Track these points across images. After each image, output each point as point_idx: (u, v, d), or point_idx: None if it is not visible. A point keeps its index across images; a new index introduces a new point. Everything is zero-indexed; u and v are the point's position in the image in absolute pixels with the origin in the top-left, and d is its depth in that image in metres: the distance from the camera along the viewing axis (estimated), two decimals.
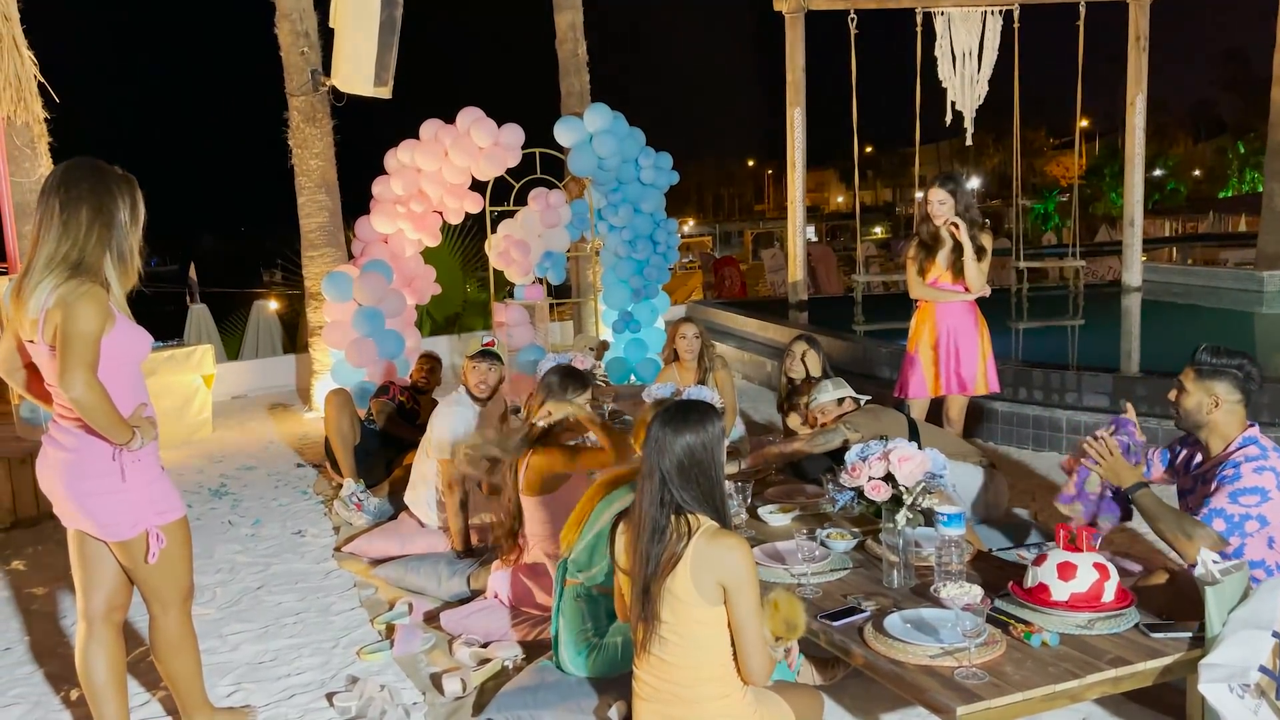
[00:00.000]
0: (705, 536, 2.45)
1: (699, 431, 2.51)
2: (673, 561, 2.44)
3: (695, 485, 2.49)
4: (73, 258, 2.72)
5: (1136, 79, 11.17)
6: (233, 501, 6.07)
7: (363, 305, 7.44)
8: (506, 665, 3.53)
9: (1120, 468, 3.15)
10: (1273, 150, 13.37)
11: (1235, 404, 3.12)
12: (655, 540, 2.47)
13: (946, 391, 5.17)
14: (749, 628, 2.46)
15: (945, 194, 5.06)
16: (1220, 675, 2.49)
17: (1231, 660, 2.49)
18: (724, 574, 2.43)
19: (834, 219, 48.75)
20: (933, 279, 5.15)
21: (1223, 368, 3.13)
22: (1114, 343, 8.87)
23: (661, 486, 2.49)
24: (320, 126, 8.67)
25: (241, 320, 12.31)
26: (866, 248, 19.98)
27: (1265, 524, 2.97)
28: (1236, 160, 47.71)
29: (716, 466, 2.54)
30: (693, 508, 2.49)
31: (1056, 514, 4.93)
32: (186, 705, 3.11)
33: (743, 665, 2.50)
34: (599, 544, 3.13)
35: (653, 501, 2.50)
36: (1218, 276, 12.69)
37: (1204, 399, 3.14)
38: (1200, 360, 3.17)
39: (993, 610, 2.78)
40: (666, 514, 2.48)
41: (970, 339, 5.14)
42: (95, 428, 2.70)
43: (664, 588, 2.45)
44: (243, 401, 9.57)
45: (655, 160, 8.34)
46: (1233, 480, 3.01)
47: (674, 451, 2.49)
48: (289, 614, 4.27)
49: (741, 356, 9.54)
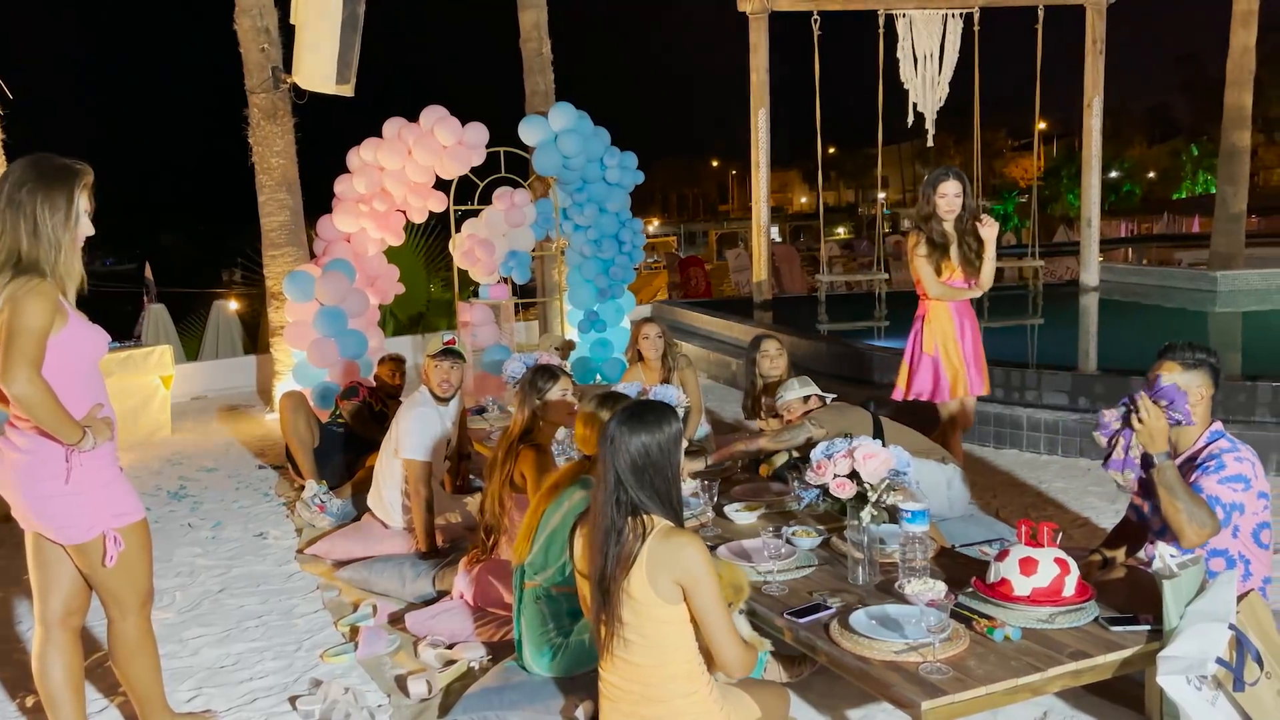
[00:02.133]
0: (658, 536, 2.45)
1: (655, 432, 2.50)
2: (628, 562, 2.44)
3: (651, 486, 2.49)
4: (19, 254, 2.66)
5: (1093, 82, 11.35)
6: (192, 504, 5.98)
7: (325, 305, 7.37)
8: (472, 666, 3.51)
9: (1160, 433, 2.99)
10: (1225, 153, 13.66)
11: (1210, 398, 3.15)
12: (613, 541, 2.46)
13: (973, 393, 5.00)
14: (715, 621, 2.45)
15: (959, 186, 4.87)
16: (1178, 667, 2.53)
17: (1189, 652, 2.53)
18: (679, 572, 2.43)
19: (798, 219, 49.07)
20: (947, 277, 4.95)
21: (1203, 361, 3.15)
22: (1072, 341, 9.01)
23: (617, 487, 2.48)
24: (281, 124, 8.56)
25: (201, 320, 12.13)
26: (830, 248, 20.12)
27: (1244, 511, 3.02)
28: (1190, 162, 48.67)
29: (672, 467, 2.54)
30: (649, 508, 2.49)
31: (1018, 509, 5.00)
32: (146, 711, 3.06)
33: (719, 659, 2.51)
34: (553, 544, 3.13)
35: (609, 501, 2.49)
36: (1172, 276, 12.92)
37: (1189, 394, 3.12)
38: (1183, 354, 3.16)
39: (956, 606, 2.80)
40: (623, 514, 2.47)
41: (978, 337, 5.04)
42: (42, 426, 2.65)
43: (622, 589, 2.45)
44: (202, 403, 9.43)
45: (620, 160, 8.34)
46: (1217, 469, 3.03)
47: (629, 452, 2.48)
48: (251, 617, 4.22)
49: (707, 356, 9.57)
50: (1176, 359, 3.17)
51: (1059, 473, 5.78)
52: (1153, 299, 11.80)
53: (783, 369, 5.05)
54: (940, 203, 4.88)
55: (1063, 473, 5.77)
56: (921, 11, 10.66)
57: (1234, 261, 13.01)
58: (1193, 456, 3.14)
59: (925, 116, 10.88)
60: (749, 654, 2.54)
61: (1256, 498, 3.04)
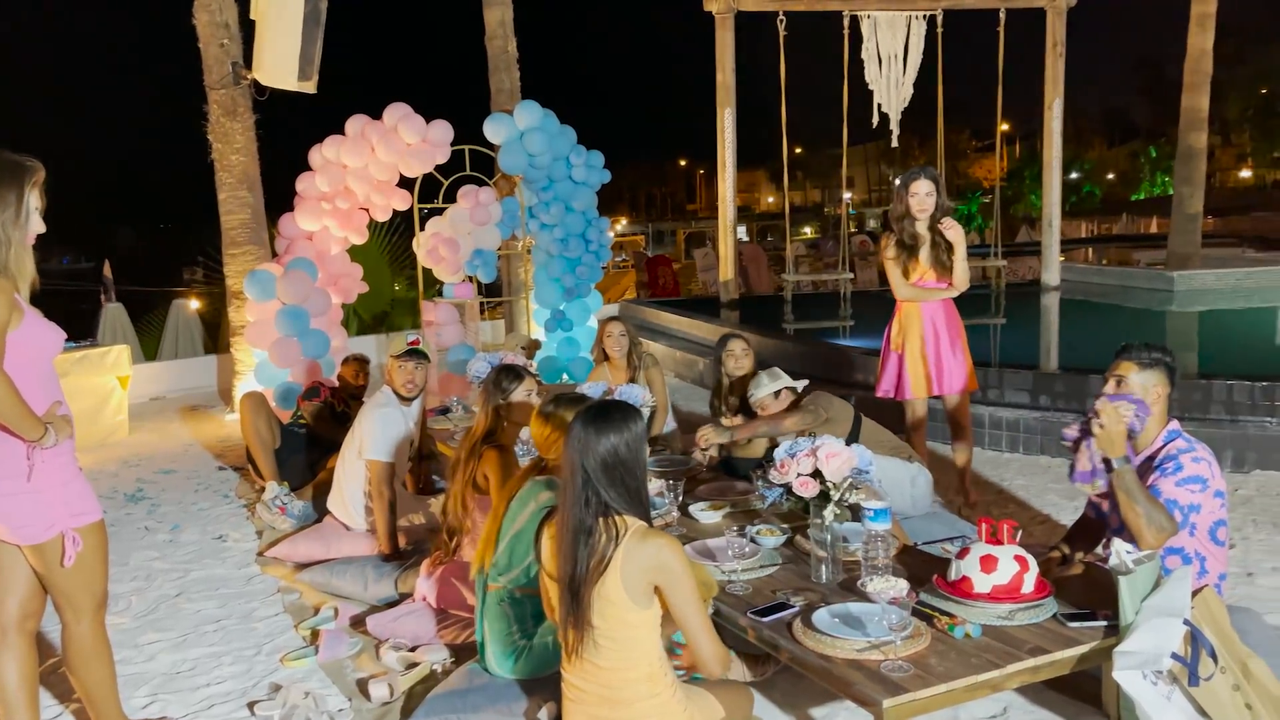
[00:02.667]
0: (635, 538, 2.44)
1: (623, 431, 2.50)
2: (602, 565, 2.42)
3: (621, 485, 2.48)
4: None
5: (1054, 84, 11.49)
6: (150, 506, 5.88)
7: (286, 304, 7.28)
8: (435, 669, 3.48)
9: (1119, 437, 3.04)
10: (1182, 154, 13.89)
11: (1166, 396, 3.18)
12: (583, 543, 2.44)
13: (941, 392, 5.01)
14: (693, 621, 2.47)
15: (930, 185, 4.87)
16: (1134, 662, 2.56)
17: (1145, 648, 2.56)
18: (658, 574, 2.43)
19: (765, 219, 49.25)
20: (917, 278, 4.96)
21: (1160, 360, 3.17)
22: (1034, 340, 9.11)
23: (586, 488, 2.46)
24: (241, 121, 8.45)
25: (160, 319, 11.94)
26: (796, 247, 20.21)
27: (1201, 511, 3.05)
28: (1149, 164, 49.49)
29: (641, 465, 2.54)
30: (620, 508, 2.48)
31: (979, 507, 5.05)
32: (101, 717, 3.00)
33: (697, 658, 2.52)
34: (517, 546, 3.11)
35: (577, 503, 2.47)
36: (1131, 276, 13.12)
37: (1146, 393, 3.15)
38: (1139, 354, 3.18)
39: (918, 603, 2.82)
40: (594, 515, 2.46)
41: (957, 336, 5.02)
42: (4, 422, 2.59)
43: (594, 592, 2.43)
44: (161, 403, 9.29)
45: (587, 158, 8.32)
46: (1175, 471, 3.05)
47: (600, 452, 2.47)
48: (209, 621, 4.15)
49: (674, 355, 9.57)
50: (1133, 359, 3.20)
51: (1020, 470, 5.84)
52: (1112, 298, 11.97)
53: (748, 368, 5.06)
54: (912, 201, 4.90)
55: (1024, 470, 5.83)
56: (885, 13, 10.73)
57: (1190, 262, 13.23)
58: (1151, 456, 3.17)
59: (890, 117, 10.96)
60: (726, 653, 2.56)
61: (1214, 497, 3.08)
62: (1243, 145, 52.33)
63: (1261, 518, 4.86)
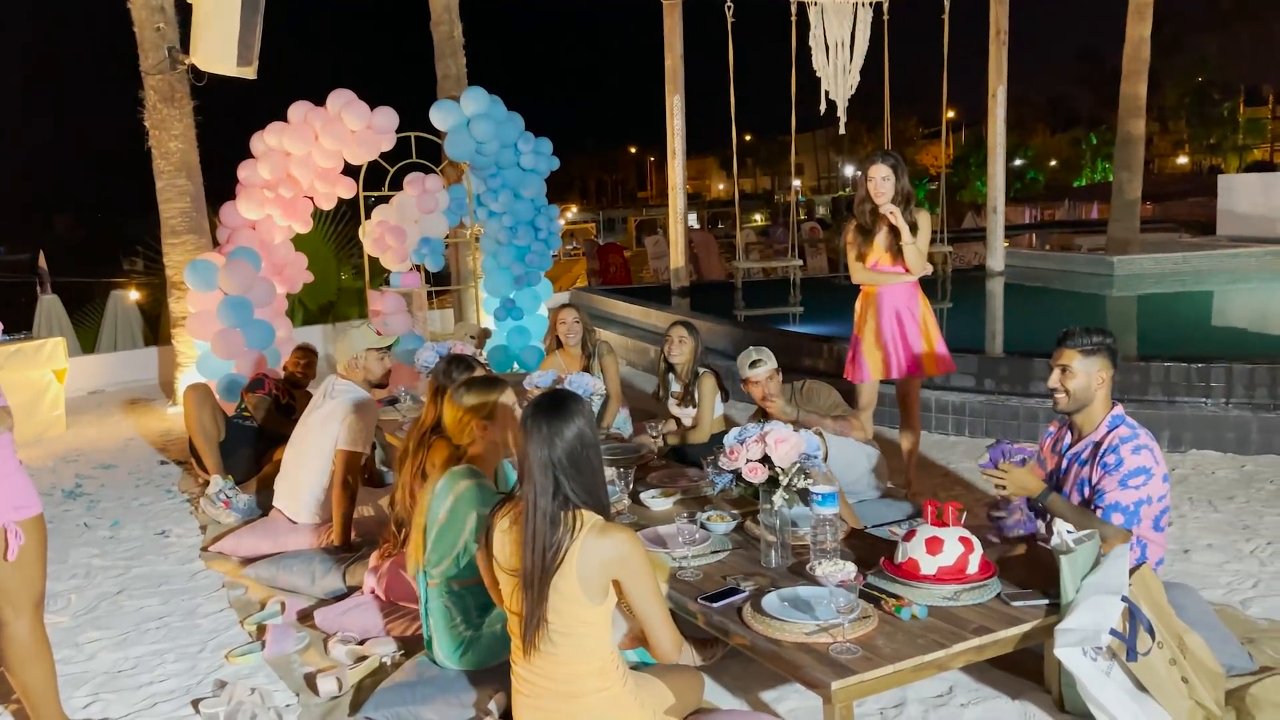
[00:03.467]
0: (594, 533, 2.42)
1: (576, 418, 2.47)
2: (559, 559, 2.40)
3: (581, 477, 2.45)
4: None
5: (997, 71, 11.64)
6: (89, 503, 5.75)
7: (229, 294, 7.13)
8: (384, 662, 3.44)
9: (1026, 481, 3.11)
10: (1121, 141, 14.19)
11: (1110, 380, 3.23)
12: (546, 536, 2.40)
13: (896, 375, 5.01)
14: (652, 612, 2.49)
15: (888, 169, 4.86)
16: (1074, 639, 2.61)
17: (1084, 625, 2.62)
18: (618, 568, 2.42)
19: (716, 206, 49.39)
20: (872, 262, 4.96)
21: (1101, 345, 3.20)
22: (979, 325, 9.26)
23: (552, 480, 2.43)
24: (179, 107, 8.25)
25: (98, 311, 11.64)
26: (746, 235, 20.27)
27: (1151, 502, 3.11)
28: (1090, 151, 50.52)
29: (598, 456, 2.53)
30: (579, 501, 2.45)
31: (926, 489, 5.12)
32: (40, 717, 2.94)
33: (654, 647, 2.54)
34: (442, 539, 3.07)
35: (544, 494, 2.42)
36: (1072, 261, 13.38)
37: (1091, 379, 3.19)
38: (1081, 340, 3.20)
39: (865, 586, 2.85)
40: (558, 507, 2.43)
41: (914, 320, 5.00)
42: None
43: (551, 586, 2.41)
44: (100, 397, 9.07)
45: (535, 145, 8.25)
46: (1116, 467, 3.09)
47: (564, 442, 2.43)
48: (151, 618, 4.06)
49: (625, 343, 9.57)
50: (1076, 346, 3.23)
51: (966, 453, 5.93)
52: (1055, 283, 12.20)
53: (687, 354, 5.08)
54: (869, 186, 4.89)
55: (970, 453, 5.92)
56: (832, 0, 10.78)
57: (1130, 247, 13.54)
58: (1098, 444, 3.21)
59: (838, 104, 11.02)
60: (681, 639, 2.58)
61: (1161, 482, 3.13)
62: (1180, 132, 53.68)
63: (1197, 496, 4.99)
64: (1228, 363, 5.81)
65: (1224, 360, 5.84)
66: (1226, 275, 12.10)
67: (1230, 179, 17.85)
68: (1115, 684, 2.66)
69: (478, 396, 3.19)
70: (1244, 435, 5.59)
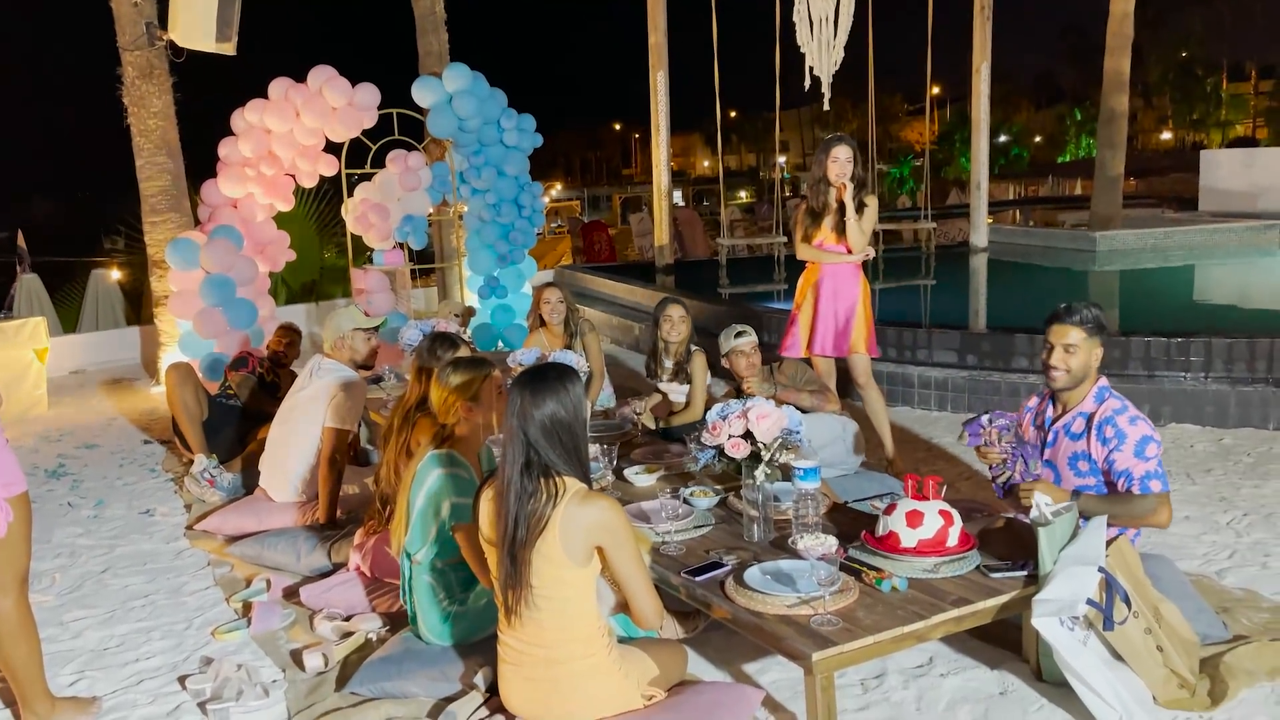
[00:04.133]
0: (576, 500, 2.46)
1: (559, 393, 2.51)
2: (541, 525, 2.44)
3: (560, 446, 2.50)
4: None
5: (981, 48, 11.62)
6: (73, 482, 5.73)
7: (211, 273, 7.09)
8: (370, 637, 3.46)
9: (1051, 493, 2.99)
10: (1104, 117, 14.21)
11: (1101, 356, 3.24)
12: (523, 504, 2.46)
13: (820, 352, 5.08)
14: (634, 579, 2.52)
15: (851, 151, 4.90)
16: (1051, 610, 2.65)
17: (1061, 595, 2.66)
18: (599, 535, 2.46)
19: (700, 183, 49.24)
20: (818, 241, 5.02)
21: (1100, 321, 3.19)
22: (962, 301, 9.30)
23: (527, 449, 2.48)
24: (158, 84, 8.16)
25: (78, 290, 11.55)
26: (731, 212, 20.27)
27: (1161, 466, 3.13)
28: (1074, 127, 50.62)
29: (580, 425, 2.55)
30: (560, 469, 2.49)
31: (908, 464, 5.16)
32: (26, 695, 2.96)
33: (636, 613, 2.57)
34: (423, 521, 3.10)
35: (515, 464, 2.48)
36: (1055, 237, 13.42)
37: (1090, 356, 3.18)
38: (1083, 319, 3.17)
39: (846, 559, 2.88)
40: (534, 476, 2.47)
41: (850, 301, 5.03)
42: None
43: (533, 552, 2.44)
44: (82, 377, 9.01)
45: (518, 122, 8.21)
46: (1120, 440, 3.10)
47: (538, 417, 2.48)
48: (136, 597, 4.07)
49: (610, 320, 9.56)
50: (1079, 324, 3.18)
51: (948, 428, 5.97)
52: (1038, 259, 12.25)
53: (683, 335, 5.08)
54: (832, 167, 4.92)
55: (951, 428, 5.97)
56: None
57: (1112, 222, 13.59)
58: (1089, 416, 3.21)
59: (822, 80, 10.98)
60: (662, 608, 2.62)
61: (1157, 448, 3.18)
62: (1163, 108, 53.78)
63: (1175, 468, 5.05)
64: (1207, 337, 5.86)
65: (1203, 335, 5.90)
66: (1208, 251, 12.18)
67: (1213, 154, 17.93)
68: (1092, 653, 2.71)
69: (463, 377, 3.20)
70: (1222, 409, 5.65)
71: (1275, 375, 5.72)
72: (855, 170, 4.92)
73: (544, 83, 75.64)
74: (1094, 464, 3.22)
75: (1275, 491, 4.62)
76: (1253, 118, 52.40)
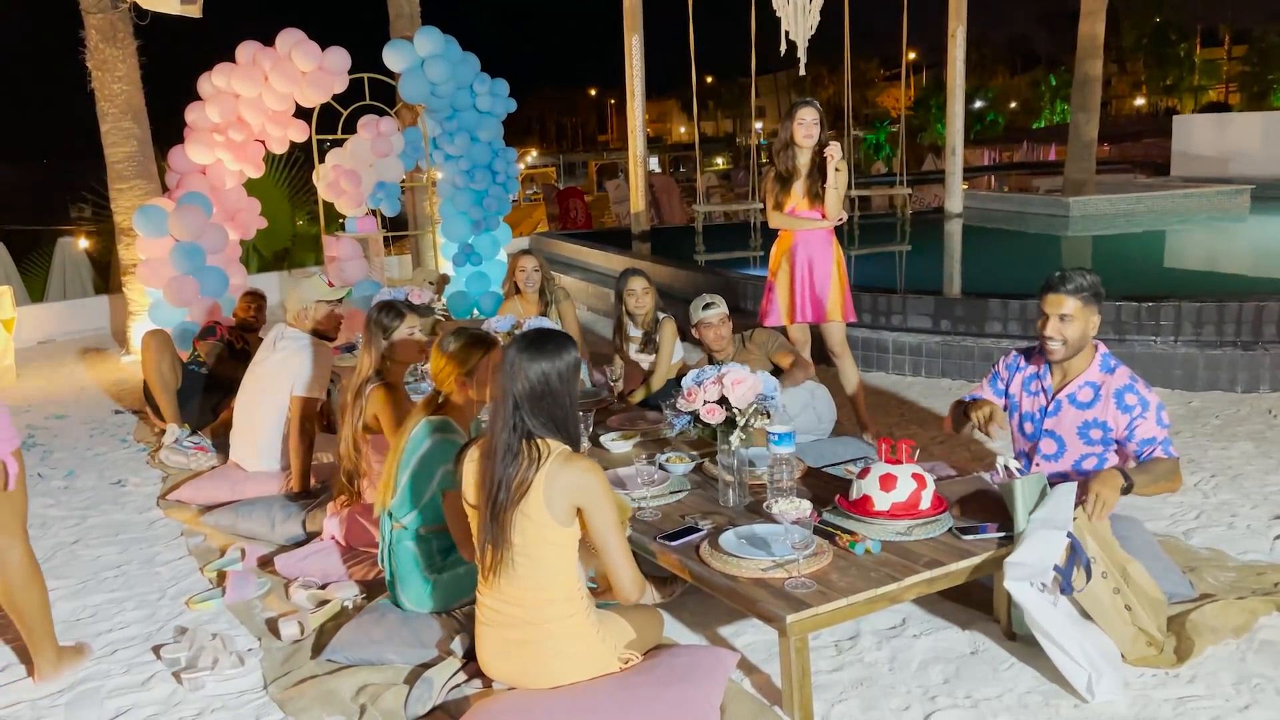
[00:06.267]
0: (558, 461, 2.47)
1: (555, 360, 2.51)
2: (524, 487, 2.45)
3: (547, 413, 2.50)
4: None
5: (957, 12, 11.58)
6: (42, 453, 5.66)
7: (180, 240, 6.99)
8: (346, 605, 3.46)
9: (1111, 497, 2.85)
10: (1079, 82, 14.23)
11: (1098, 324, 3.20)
12: (507, 464, 2.48)
13: (801, 319, 5.07)
14: (612, 546, 2.53)
15: (817, 113, 4.87)
16: (1023, 574, 2.69)
17: (1031, 560, 2.69)
18: (579, 496, 2.47)
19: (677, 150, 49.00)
20: (790, 208, 4.98)
21: (1097, 289, 3.11)
22: (937, 266, 9.33)
23: (514, 412, 2.49)
24: (122, 47, 7.99)
25: (45, 259, 11.35)
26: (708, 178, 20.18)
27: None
28: (1049, 92, 50.64)
29: (571, 395, 2.56)
30: (543, 433, 2.50)
31: (882, 429, 5.19)
32: (37, 640, 3.08)
33: (614, 583, 2.57)
34: (415, 485, 3.10)
35: (505, 426, 2.50)
36: (1030, 203, 13.47)
37: (1088, 325, 3.12)
38: (1081, 288, 3.07)
39: (820, 523, 2.90)
40: (519, 439, 2.49)
41: (826, 267, 5.01)
42: None
43: (516, 511, 2.46)
44: (50, 347, 8.89)
45: (491, 86, 8.11)
46: (1146, 408, 3.09)
47: (529, 379, 2.49)
48: (109, 567, 4.04)
49: (586, 288, 9.53)
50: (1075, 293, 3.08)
51: (922, 393, 6.02)
52: (1012, 225, 12.29)
53: (648, 306, 5.07)
54: (798, 129, 4.88)
55: (926, 393, 6.01)
56: None
57: (1085, 188, 13.65)
58: (1098, 386, 3.18)
59: (797, 45, 10.90)
60: (643, 579, 2.62)
61: None
62: (1137, 73, 53.94)
63: None
64: (1176, 301, 5.92)
65: (1172, 299, 5.95)
66: (1179, 216, 12.26)
67: (1185, 120, 18.01)
68: (1061, 613, 2.75)
69: (462, 350, 3.18)
70: (1191, 372, 5.72)
71: (1243, 338, 5.80)
72: (820, 134, 4.89)
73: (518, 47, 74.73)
74: (1107, 433, 3.18)
75: (1242, 453, 4.69)
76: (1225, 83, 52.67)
